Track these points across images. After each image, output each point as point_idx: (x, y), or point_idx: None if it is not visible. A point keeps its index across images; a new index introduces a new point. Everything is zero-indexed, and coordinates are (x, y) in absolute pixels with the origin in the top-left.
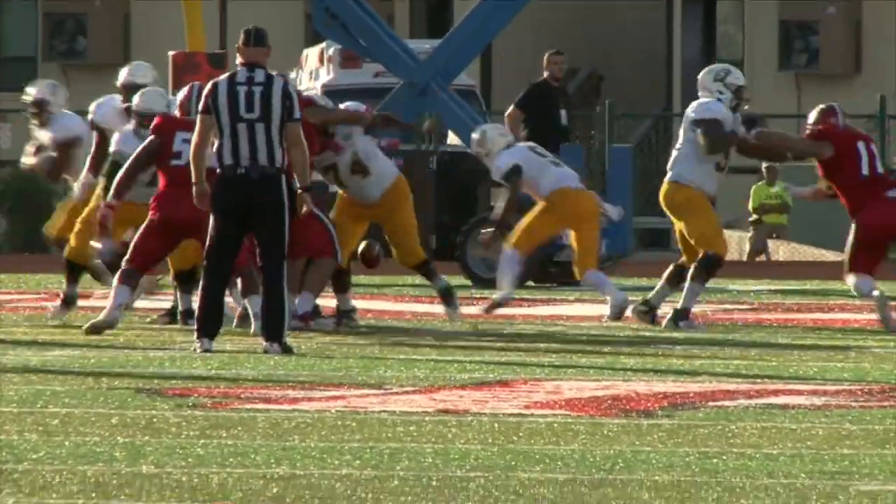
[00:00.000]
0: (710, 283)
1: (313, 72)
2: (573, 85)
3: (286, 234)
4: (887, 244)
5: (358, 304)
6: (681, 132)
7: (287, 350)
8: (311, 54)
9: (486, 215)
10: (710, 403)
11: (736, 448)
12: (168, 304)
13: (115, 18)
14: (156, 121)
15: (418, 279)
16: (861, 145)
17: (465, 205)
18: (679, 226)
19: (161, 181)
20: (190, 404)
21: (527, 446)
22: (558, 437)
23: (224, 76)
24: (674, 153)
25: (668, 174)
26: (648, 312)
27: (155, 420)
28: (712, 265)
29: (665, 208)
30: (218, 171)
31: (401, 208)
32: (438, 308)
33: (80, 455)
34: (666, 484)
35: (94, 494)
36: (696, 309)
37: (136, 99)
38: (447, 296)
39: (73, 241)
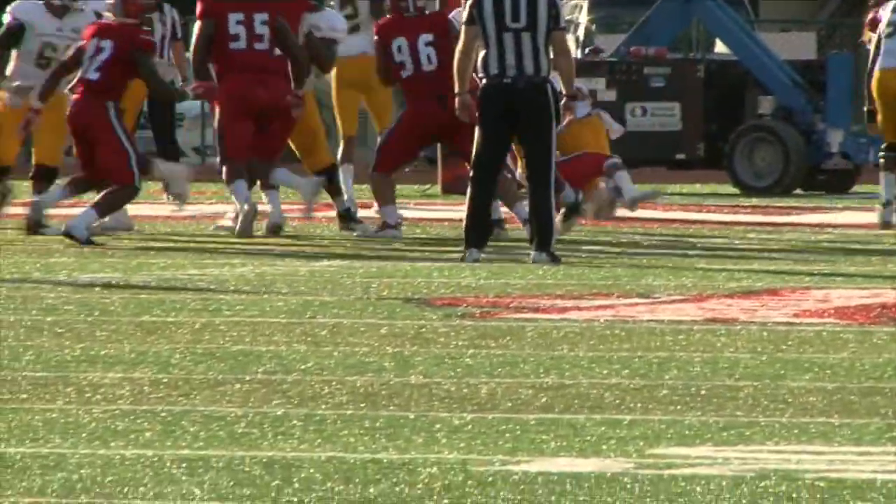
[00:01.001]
0: None
1: None
2: None
3: (553, 142)
4: None
5: (627, 213)
6: None
7: (555, 259)
8: None
9: (754, 122)
10: None
11: None
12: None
13: None
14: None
15: (688, 188)
16: None
17: (733, 113)
18: None
19: (217, 67)
20: (458, 314)
21: (795, 355)
22: (827, 346)
23: None
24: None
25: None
26: None
27: (423, 330)
28: None
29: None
30: (483, 80)
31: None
32: (708, 216)
33: (349, 365)
34: None
35: (363, 405)
36: None
37: None
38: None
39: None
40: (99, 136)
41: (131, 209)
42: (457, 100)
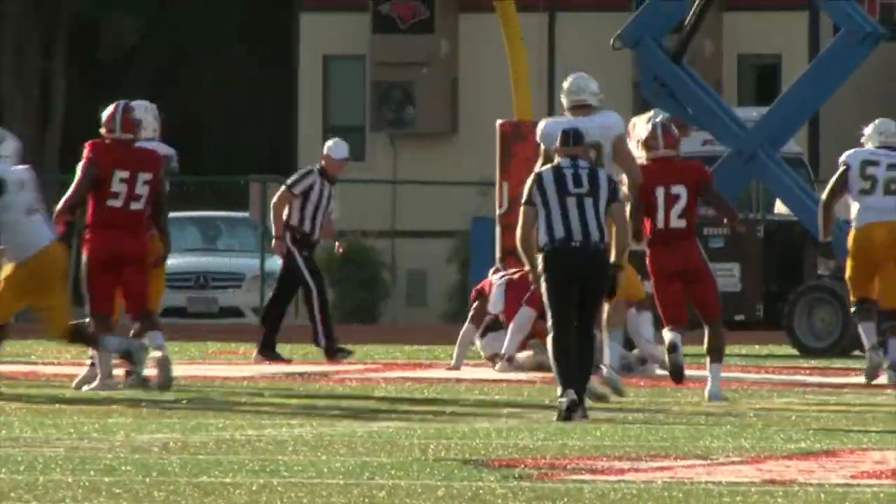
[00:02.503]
0: None
1: (641, 140)
2: None
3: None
4: None
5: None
6: None
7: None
8: (638, 123)
9: (813, 283)
10: None
11: None
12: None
13: (443, 86)
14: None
15: (747, 349)
16: None
17: (792, 273)
18: None
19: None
20: (516, 475)
21: None
22: None
23: (548, 166)
24: None
25: None
26: None
27: (481, 492)
28: None
29: None
30: (546, 245)
31: None
32: (767, 376)
33: None
34: None
35: None
36: None
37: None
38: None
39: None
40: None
41: (187, 369)
42: (532, 275)
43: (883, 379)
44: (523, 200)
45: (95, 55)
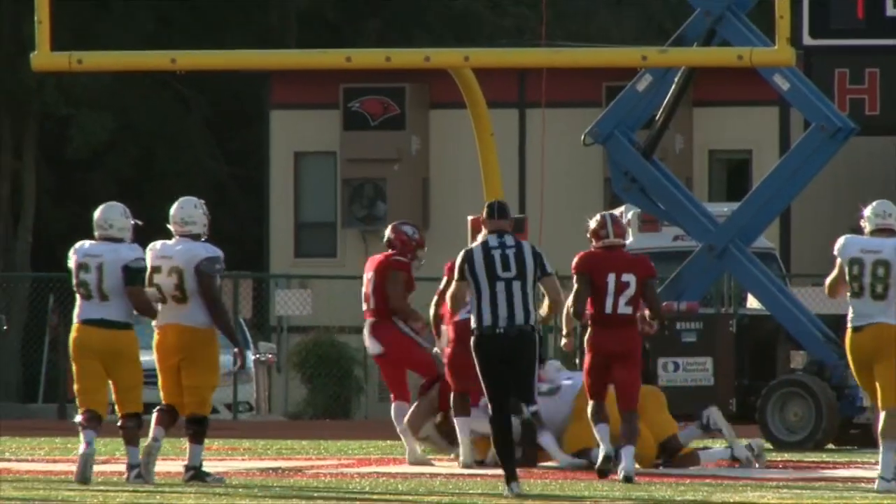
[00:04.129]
0: None
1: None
2: None
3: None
4: None
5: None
6: None
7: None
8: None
9: (786, 377)
10: None
11: None
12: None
13: (414, 182)
14: None
15: (720, 442)
16: None
17: (765, 367)
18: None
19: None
20: None
21: None
22: None
23: (476, 244)
24: None
25: None
26: None
27: None
28: None
29: None
30: (476, 330)
31: None
32: (739, 472)
33: None
34: None
35: None
36: None
37: None
38: None
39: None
40: None
41: (164, 464)
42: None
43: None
44: (455, 276)
45: (64, 152)
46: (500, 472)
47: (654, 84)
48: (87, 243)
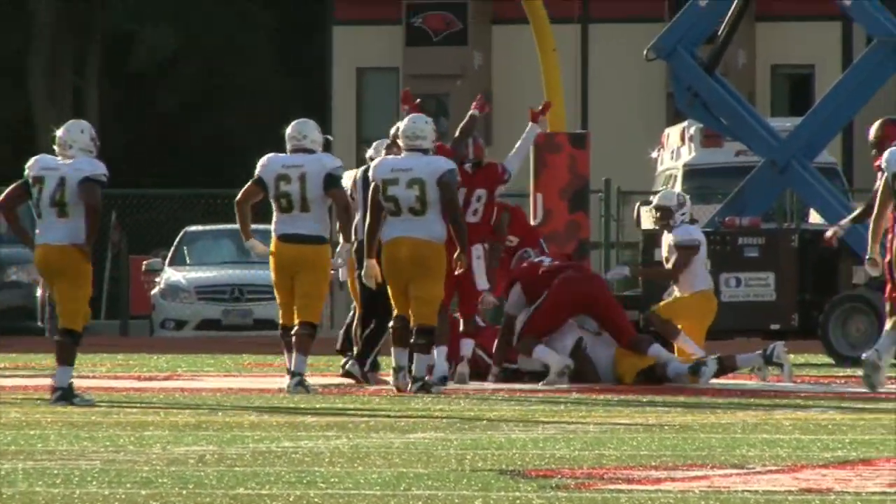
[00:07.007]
0: None
1: (675, 151)
2: None
3: None
4: None
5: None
6: None
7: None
8: (672, 133)
9: (848, 293)
10: None
11: None
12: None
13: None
14: None
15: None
16: None
17: (828, 282)
18: None
19: None
20: (553, 485)
21: None
22: None
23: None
24: None
25: None
26: None
27: (518, 502)
28: None
29: None
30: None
31: None
32: (802, 387)
33: None
34: None
35: None
36: None
37: None
38: None
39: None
40: None
41: (222, 381)
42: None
43: None
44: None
45: (127, 68)
46: (567, 386)
47: None
48: (280, 155)
